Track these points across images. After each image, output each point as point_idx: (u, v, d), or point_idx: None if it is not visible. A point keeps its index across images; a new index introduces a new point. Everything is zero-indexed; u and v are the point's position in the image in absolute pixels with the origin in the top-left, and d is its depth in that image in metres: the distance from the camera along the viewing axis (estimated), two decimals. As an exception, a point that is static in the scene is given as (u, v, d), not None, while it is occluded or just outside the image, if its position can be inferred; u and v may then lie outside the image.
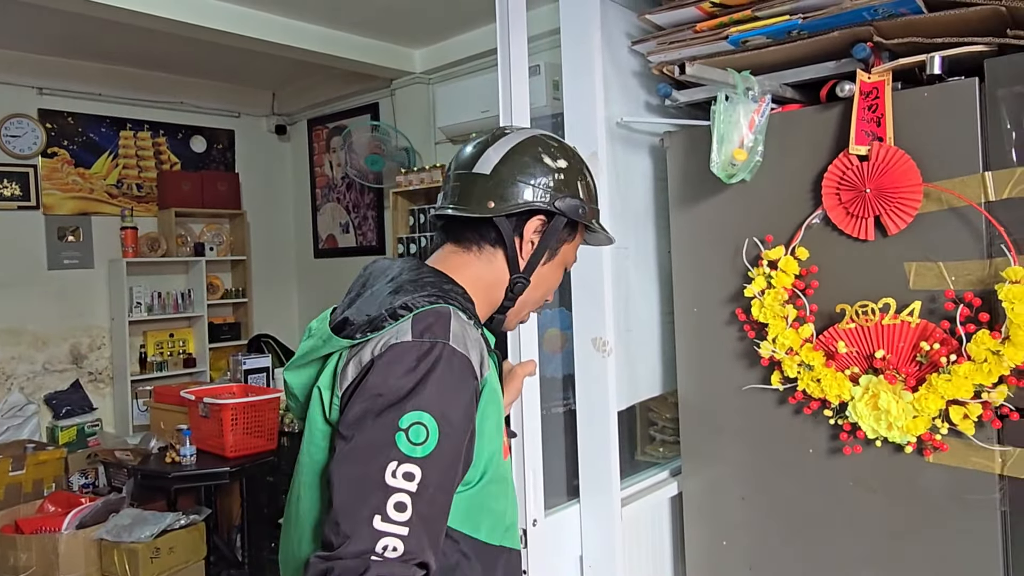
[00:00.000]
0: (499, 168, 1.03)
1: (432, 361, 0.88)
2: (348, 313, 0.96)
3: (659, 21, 1.61)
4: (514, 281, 1.06)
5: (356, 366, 0.91)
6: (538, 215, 1.04)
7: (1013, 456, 1.23)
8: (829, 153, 1.40)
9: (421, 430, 0.85)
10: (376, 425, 0.85)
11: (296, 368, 1.04)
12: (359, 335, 0.92)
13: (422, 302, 0.93)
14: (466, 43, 4.64)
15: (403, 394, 0.86)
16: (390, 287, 0.97)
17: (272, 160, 6.19)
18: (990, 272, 1.24)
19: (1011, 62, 1.24)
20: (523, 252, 1.06)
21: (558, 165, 1.05)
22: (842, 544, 1.43)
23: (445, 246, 1.09)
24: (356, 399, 0.88)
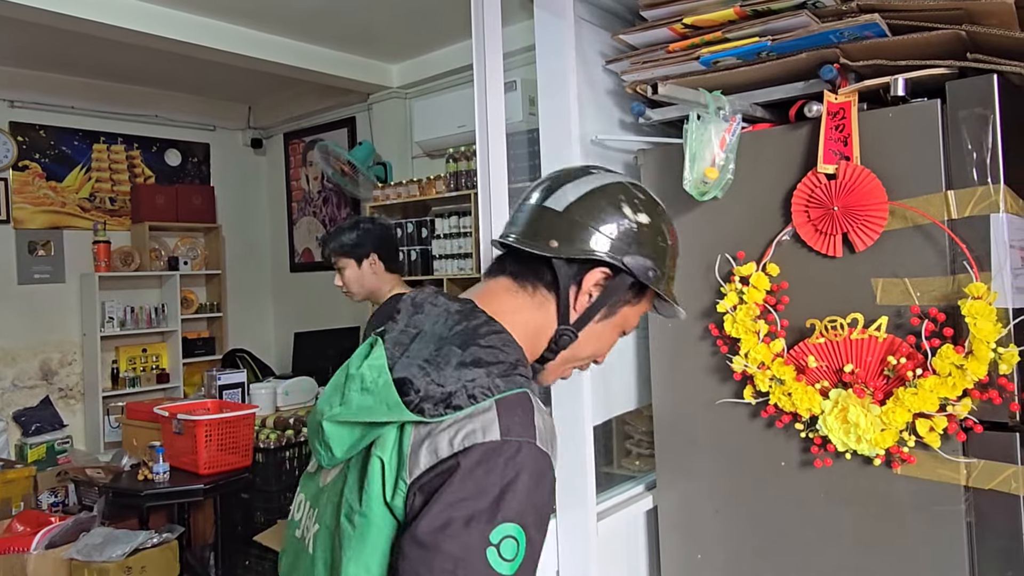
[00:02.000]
0: (572, 207, 0.96)
1: (520, 466, 0.81)
2: (409, 372, 0.85)
3: (633, 41, 1.64)
4: (560, 333, 0.97)
5: (431, 455, 0.82)
6: (602, 267, 0.96)
7: (977, 468, 1.26)
8: (798, 171, 1.43)
9: (512, 545, 0.79)
10: (464, 536, 0.77)
11: (342, 423, 0.89)
12: (429, 410, 0.82)
13: (503, 384, 0.85)
14: (443, 58, 4.67)
15: (492, 503, 0.79)
16: (455, 344, 0.88)
17: (248, 174, 6.17)
18: (953, 288, 1.28)
19: (971, 84, 1.28)
20: (577, 303, 0.97)
21: (638, 219, 0.96)
22: (814, 555, 1.45)
23: (499, 279, 1.00)
24: (437, 503, 0.79)
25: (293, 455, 3.75)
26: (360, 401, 0.86)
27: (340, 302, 5.57)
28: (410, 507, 0.82)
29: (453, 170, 4.31)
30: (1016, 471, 1.23)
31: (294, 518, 1.02)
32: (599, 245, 0.94)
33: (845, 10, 1.37)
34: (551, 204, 0.97)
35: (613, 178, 1.00)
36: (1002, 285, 1.23)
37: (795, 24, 1.41)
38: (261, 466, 3.62)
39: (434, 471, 0.80)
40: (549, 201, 0.97)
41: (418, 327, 0.92)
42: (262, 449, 3.63)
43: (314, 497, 0.97)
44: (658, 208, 1.01)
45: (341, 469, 0.93)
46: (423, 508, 0.79)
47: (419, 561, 0.78)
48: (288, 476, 3.72)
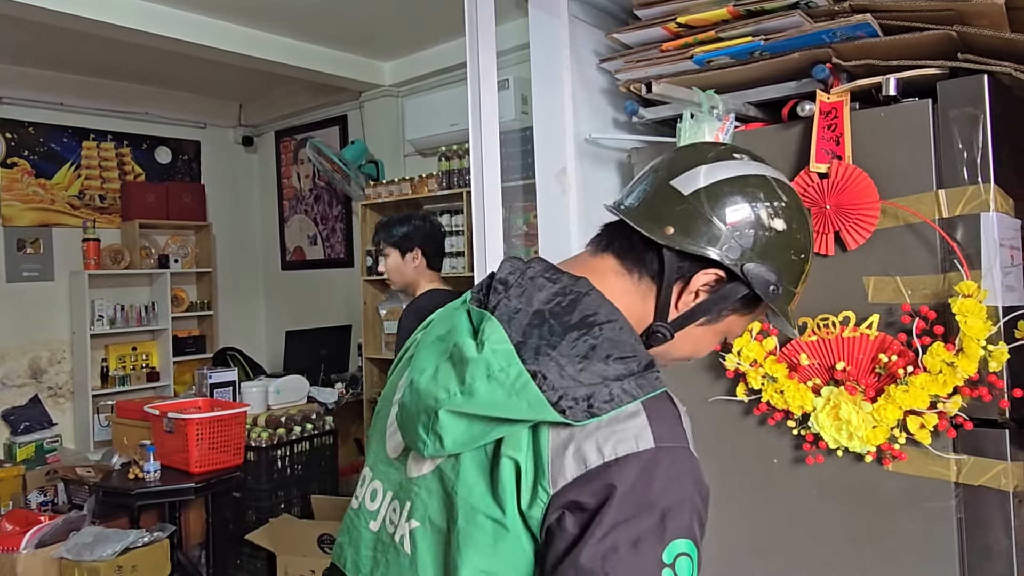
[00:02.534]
0: (700, 193, 0.85)
1: (680, 475, 0.75)
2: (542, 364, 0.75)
3: (626, 40, 1.65)
4: (653, 329, 0.88)
5: (579, 463, 0.73)
6: (718, 268, 0.85)
7: (967, 464, 1.28)
8: (791, 170, 1.44)
9: (686, 563, 0.72)
10: (634, 560, 0.70)
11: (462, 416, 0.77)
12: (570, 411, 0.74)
13: (645, 385, 0.77)
14: (436, 56, 4.67)
15: (659, 520, 0.72)
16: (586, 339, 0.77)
17: (239, 171, 6.15)
18: (944, 286, 1.29)
19: (962, 85, 1.29)
20: (680, 301, 0.87)
21: (773, 224, 0.85)
22: (806, 552, 1.46)
23: (605, 257, 0.90)
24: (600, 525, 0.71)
25: (285, 454, 3.74)
26: (490, 393, 0.75)
27: (332, 300, 5.56)
28: (552, 521, 0.74)
29: (445, 168, 4.30)
30: (1005, 467, 1.24)
31: (367, 508, 0.92)
32: (719, 244, 0.84)
33: (837, 10, 1.38)
34: (677, 184, 0.86)
35: (757, 169, 0.88)
36: (992, 283, 1.25)
37: (788, 24, 1.42)
38: (252, 465, 3.61)
39: (584, 486, 0.73)
40: (677, 180, 0.87)
41: (534, 306, 0.81)
42: (253, 448, 3.63)
43: (402, 489, 0.87)
44: (801, 216, 0.89)
45: (445, 461, 0.82)
46: (584, 532, 0.72)
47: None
48: (280, 475, 3.72)
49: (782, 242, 0.86)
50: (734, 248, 0.84)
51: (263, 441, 3.64)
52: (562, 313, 0.80)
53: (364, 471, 0.96)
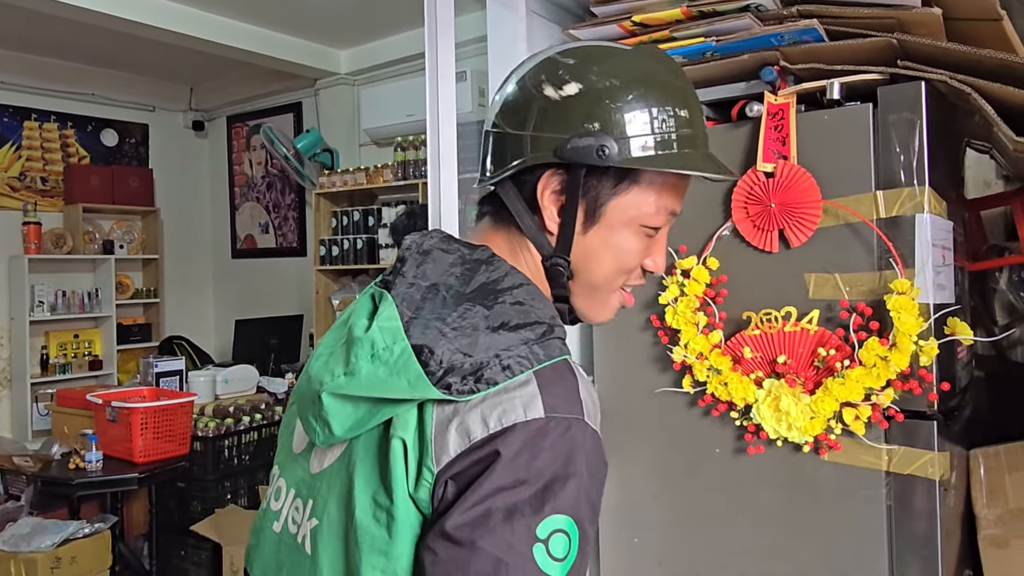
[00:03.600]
0: (498, 119, 0.80)
1: (571, 447, 0.69)
2: (429, 338, 0.70)
3: (583, 37, 1.66)
4: (549, 268, 0.81)
5: (462, 437, 0.69)
6: (550, 170, 0.78)
7: (898, 454, 1.33)
8: (739, 169, 1.48)
9: (563, 541, 0.67)
10: (506, 532, 0.65)
11: (345, 397, 0.73)
12: (457, 385, 0.69)
13: (540, 352, 0.72)
14: (393, 46, 4.64)
15: (538, 492, 0.67)
16: (482, 307, 0.73)
17: (188, 157, 6.02)
18: (880, 284, 1.34)
19: (901, 90, 1.35)
20: (547, 224, 0.80)
21: (564, 93, 0.76)
22: (746, 538, 1.51)
23: (484, 222, 0.86)
24: (473, 493, 0.66)
25: (232, 444, 3.70)
26: (371, 372, 0.71)
27: (283, 290, 5.49)
28: (438, 500, 0.69)
29: (401, 159, 4.29)
30: (933, 457, 1.30)
31: (271, 509, 0.87)
32: (530, 148, 0.77)
33: (786, 14, 1.43)
34: (486, 125, 0.83)
35: (538, 58, 0.81)
36: (924, 281, 1.30)
37: (739, 26, 1.46)
38: (199, 455, 3.56)
39: (468, 457, 0.68)
40: (486, 121, 0.83)
41: (429, 279, 0.76)
42: (200, 438, 3.57)
43: (304, 485, 0.82)
44: (601, 64, 0.78)
45: (343, 452, 0.78)
46: (456, 499, 0.67)
47: (452, 562, 0.66)
48: (227, 465, 3.67)
49: (585, 100, 0.76)
50: (544, 141, 0.76)
51: (210, 431, 3.59)
52: (456, 284, 0.76)
53: (274, 468, 0.91)
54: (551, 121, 0.77)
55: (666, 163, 0.77)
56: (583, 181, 0.77)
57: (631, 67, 0.79)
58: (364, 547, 0.72)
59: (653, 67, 0.80)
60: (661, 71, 0.80)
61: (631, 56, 0.81)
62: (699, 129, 0.81)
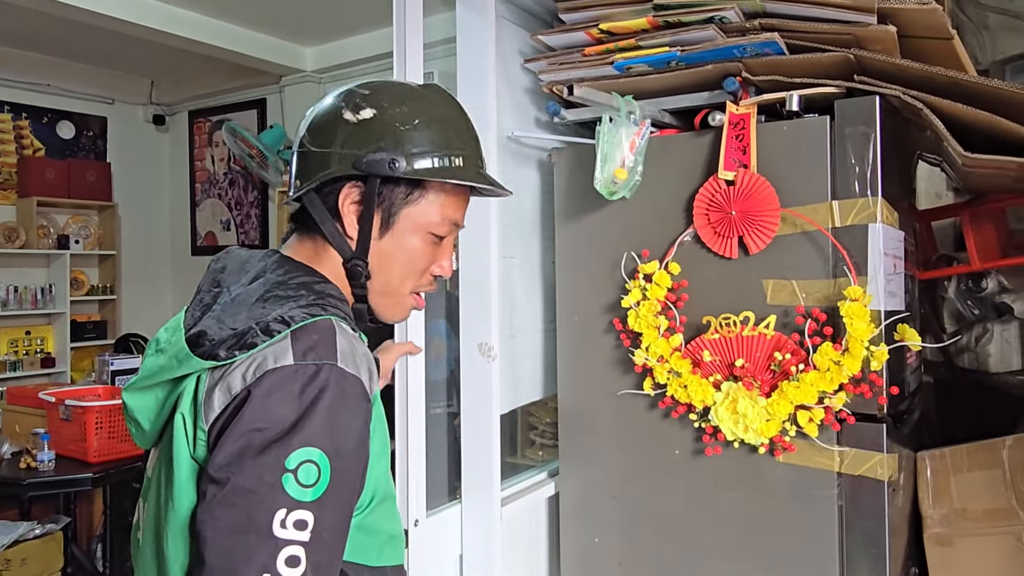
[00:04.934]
0: (304, 140, 0.91)
1: (319, 387, 0.76)
2: (205, 324, 0.81)
3: (551, 42, 1.69)
4: (349, 268, 0.91)
5: (225, 394, 0.76)
6: (350, 182, 0.89)
7: (849, 456, 1.38)
8: (701, 176, 1.52)
9: (311, 469, 0.73)
10: (257, 466, 0.72)
11: (139, 390, 0.86)
12: (223, 354, 0.77)
13: (300, 314, 0.80)
14: (360, 44, 4.61)
15: (288, 428, 0.73)
16: (257, 291, 0.83)
17: (148, 151, 5.90)
18: (834, 290, 1.39)
19: (856, 104, 1.39)
20: (347, 229, 0.90)
21: (360, 117, 0.89)
22: (703, 538, 1.54)
23: (292, 236, 0.97)
24: (229, 435, 0.73)
25: (190, 444, 3.63)
26: (153, 363, 0.84)
27: (244, 288, 5.42)
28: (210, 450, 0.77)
29: (367, 158, 4.26)
30: (882, 458, 1.35)
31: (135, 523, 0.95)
32: (332, 163, 0.88)
33: (748, 27, 1.46)
34: (294, 147, 0.94)
35: (339, 91, 0.93)
36: (876, 289, 1.35)
37: (703, 37, 1.49)
38: (155, 455, 3.49)
39: (228, 409, 0.76)
40: (295, 145, 0.94)
41: (222, 286, 0.88)
42: (157, 437, 3.50)
43: (145, 492, 0.91)
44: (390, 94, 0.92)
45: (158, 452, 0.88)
46: (216, 444, 0.75)
47: (213, 500, 0.72)
48: (184, 465, 3.61)
49: (377, 124, 0.88)
50: (344, 157, 0.88)
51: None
52: (235, 281, 0.87)
53: None
54: (350, 140, 0.88)
55: (444, 175, 0.90)
56: (378, 191, 0.89)
57: (416, 98, 0.93)
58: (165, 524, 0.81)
59: (435, 99, 0.94)
60: (441, 102, 0.95)
61: (416, 90, 0.95)
62: (472, 151, 0.94)
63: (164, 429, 0.87)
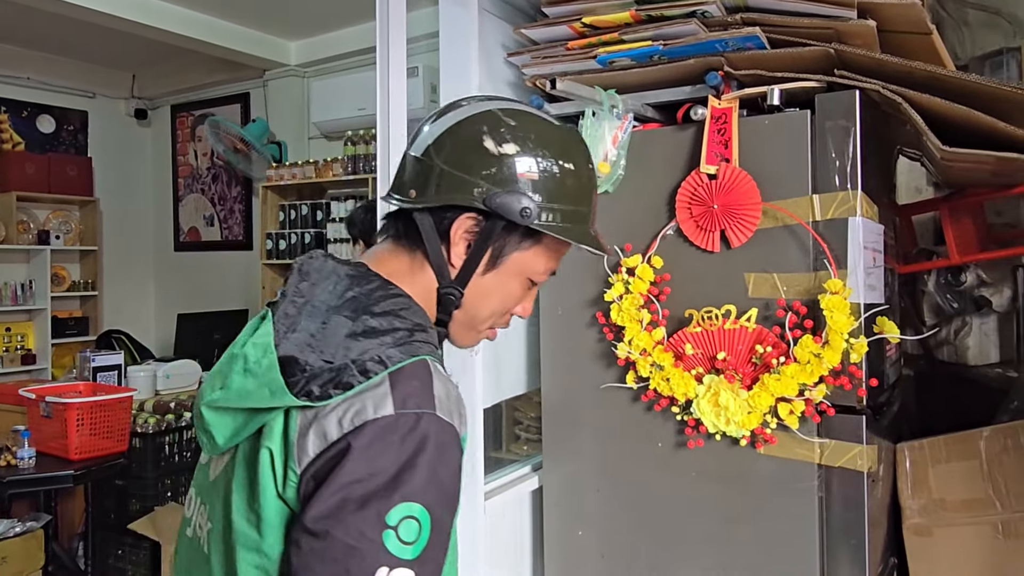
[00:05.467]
0: (430, 149, 0.86)
1: (419, 439, 0.74)
2: (296, 349, 0.77)
3: (534, 36, 1.69)
4: (441, 295, 0.88)
5: (320, 439, 0.74)
6: (469, 212, 0.85)
7: (829, 447, 1.39)
8: (683, 170, 1.52)
9: (412, 526, 0.71)
10: (357, 521, 0.70)
11: (222, 409, 0.80)
12: (318, 392, 0.74)
13: (396, 354, 0.77)
14: (344, 38, 4.60)
15: (388, 482, 0.71)
16: (346, 314, 0.79)
17: (130, 146, 5.85)
18: (815, 283, 1.40)
19: (837, 98, 1.40)
20: (452, 257, 0.87)
21: (502, 150, 0.84)
22: (685, 530, 1.55)
23: (384, 243, 0.92)
24: (328, 487, 0.71)
25: (173, 440, 3.62)
26: (241, 385, 0.77)
27: (228, 284, 5.39)
28: (304, 497, 0.74)
29: (351, 153, 4.25)
30: (861, 450, 1.36)
31: (186, 515, 0.93)
32: (459, 188, 0.84)
33: (730, 21, 1.47)
34: (412, 151, 0.88)
35: (479, 107, 0.88)
36: (856, 282, 1.36)
37: (685, 31, 1.49)
38: (138, 451, 3.47)
39: (324, 456, 0.73)
40: (412, 147, 0.89)
41: (305, 296, 0.84)
42: (140, 434, 3.48)
43: (204, 491, 0.89)
44: (536, 135, 0.87)
45: (228, 460, 0.84)
46: (314, 494, 0.72)
47: (311, 552, 0.71)
48: (167, 462, 3.58)
49: (520, 164, 0.84)
50: (477, 185, 0.83)
51: (150, 427, 3.50)
52: (330, 299, 0.82)
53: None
54: (486, 172, 0.84)
55: (572, 235, 0.88)
56: (497, 231, 0.86)
57: (559, 143, 0.89)
58: (239, 546, 0.78)
59: (575, 147, 0.91)
60: (580, 152, 0.91)
61: (561, 133, 0.91)
62: (591, 209, 0.92)
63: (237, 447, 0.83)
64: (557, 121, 0.92)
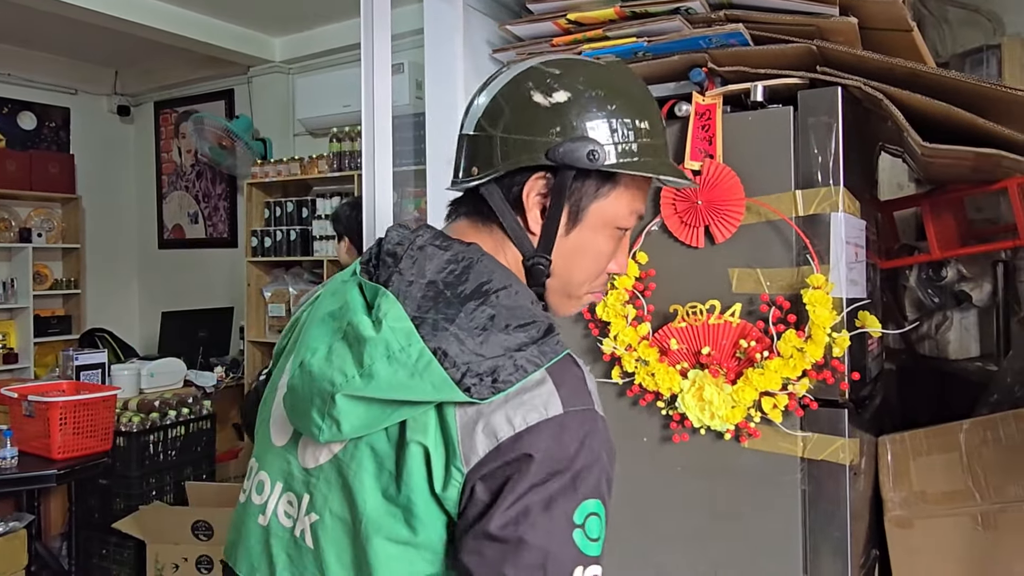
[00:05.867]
0: (482, 123, 0.83)
1: (588, 435, 0.74)
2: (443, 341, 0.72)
3: (519, 33, 1.69)
4: (530, 267, 0.85)
5: (490, 438, 0.72)
6: (537, 173, 0.82)
7: (812, 441, 1.41)
8: (667, 166, 1.53)
9: (596, 522, 0.72)
10: (547, 522, 0.70)
11: (361, 400, 0.74)
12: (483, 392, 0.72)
13: (548, 350, 0.76)
14: (329, 35, 4.58)
15: (569, 481, 0.71)
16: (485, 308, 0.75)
17: (113, 143, 5.80)
18: (798, 278, 1.41)
19: (820, 95, 1.41)
20: (530, 224, 0.84)
21: (553, 100, 0.81)
22: (671, 523, 1.56)
23: (458, 222, 0.89)
24: (512, 491, 0.70)
25: (158, 439, 3.60)
26: (391, 375, 0.72)
27: (213, 281, 5.36)
28: (468, 499, 0.73)
29: (337, 150, 4.23)
30: (844, 443, 1.38)
31: (253, 503, 0.87)
32: (519, 151, 0.81)
33: (714, 18, 1.48)
34: (467, 129, 0.86)
35: (520, 67, 0.85)
36: (838, 277, 1.37)
37: (669, 28, 1.50)
38: (122, 450, 3.45)
39: (499, 457, 0.72)
40: (465, 126, 0.87)
41: (426, 277, 0.77)
42: (124, 433, 3.46)
43: (296, 480, 0.83)
44: (585, 75, 0.83)
45: (342, 450, 0.79)
46: (495, 500, 0.71)
47: (500, 560, 0.69)
48: (152, 461, 3.57)
49: (574, 108, 0.81)
50: (534, 144, 0.80)
51: (134, 426, 3.48)
52: (456, 283, 0.77)
53: (251, 462, 0.92)
54: (541, 126, 0.80)
55: (647, 168, 0.83)
56: (570, 183, 0.81)
57: (611, 80, 0.84)
58: (376, 540, 0.75)
59: (628, 81, 0.87)
60: (634, 85, 0.87)
61: (608, 70, 0.86)
62: (662, 139, 0.87)
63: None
64: (603, 61, 0.89)
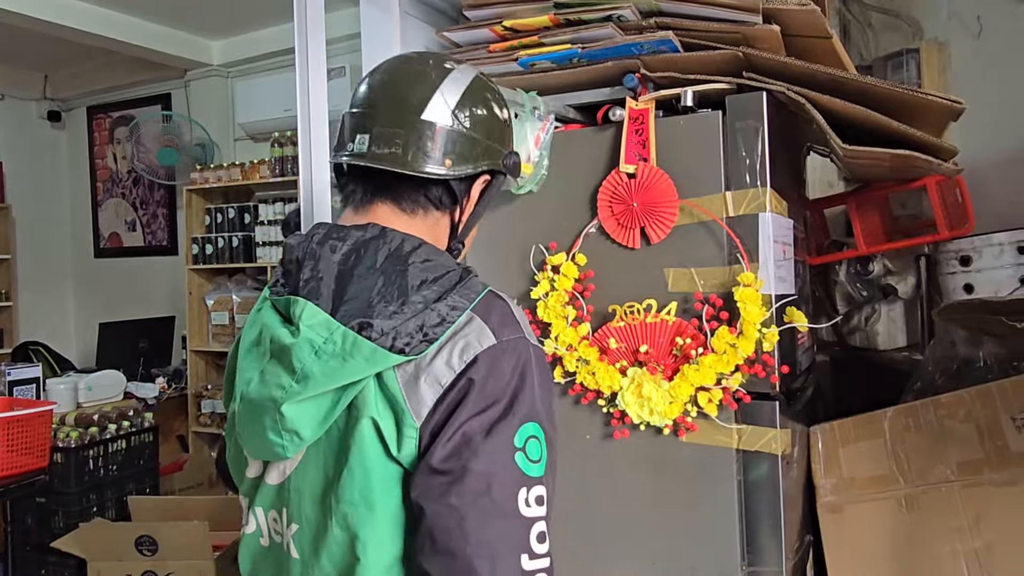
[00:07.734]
0: (457, 116, 0.89)
1: (523, 361, 0.79)
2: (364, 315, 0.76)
3: (456, 39, 1.71)
4: (453, 248, 0.93)
5: (434, 386, 0.76)
6: (484, 175, 0.93)
7: (746, 432, 1.46)
8: (604, 170, 1.57)
9: (535, 444, 0.76)
10: (488, 448, 0.73)
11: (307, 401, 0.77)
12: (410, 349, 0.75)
13: (467, 292, 0.80)
14: (268, 38, 4.52)
15: (506, 407, 0.75)
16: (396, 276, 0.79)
17: (44, 149, 5.61)
18: (729, 277, 1.46)
19: (746, 99, 1.47)
20: (464, 215, 0.94)
21: (504, 116, 0.94)
22: (614, 518, 1.59)
23: (380, 204, 0.90)
24: (448, 428, 0.73)
25: (98, 454, 3.50)
26: (324, 368, 0.76)
27: (153, 290, 5.23)
28: (424, 447, 0.76)
29: (278, 155, 4.18)
30: (775, 434, 1.43)
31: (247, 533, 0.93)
32: (489, 155, 0.91)
33: (645, 25, 1.52)
34: (430, 117, 0.87)
35: (470, 72, 0.94)
36: (767, 274, 1.43)
37: (602, 35, 1.54)
38: (60, 467, 3.34)
39: (446, 400, 0.75)
40: (427, 113, 0.87)
41: (332, 270, 0.82)
42: (61, 449, 3.36)
43: (272, 499, 0.88)
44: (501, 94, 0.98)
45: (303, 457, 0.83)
46: (436, 437, 0.74)
47: (445, 490, 0.72)
48: (92, 476, 3.47)
49: (510, 126, 0.97)
50: (498, 152, 0.93)
51: (72, 441, 3.38)
52: (363, 262, 0.81)
53: (242, 501, 0.97)
54: (501, 137, 0.94)
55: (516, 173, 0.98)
56: (498, 185, 0.95)
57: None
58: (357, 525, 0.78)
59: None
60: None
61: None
62: None
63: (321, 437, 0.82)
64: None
